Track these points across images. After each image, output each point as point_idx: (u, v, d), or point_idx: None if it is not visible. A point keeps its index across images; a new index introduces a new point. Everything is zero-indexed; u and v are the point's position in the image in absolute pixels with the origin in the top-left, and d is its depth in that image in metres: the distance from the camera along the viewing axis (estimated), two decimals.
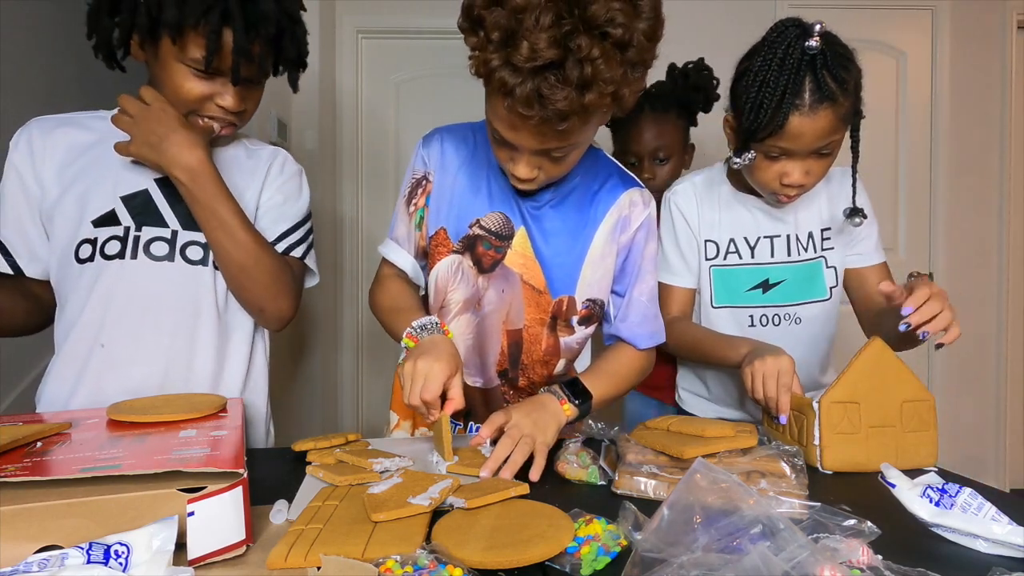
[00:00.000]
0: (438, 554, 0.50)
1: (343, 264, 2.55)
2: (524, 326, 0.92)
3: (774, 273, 1.05)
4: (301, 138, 2.25)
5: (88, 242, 0.86)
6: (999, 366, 2.53)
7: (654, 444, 0.73)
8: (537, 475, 0.71)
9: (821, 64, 0.88)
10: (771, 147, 0.93)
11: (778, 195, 0.98)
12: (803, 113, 0.89)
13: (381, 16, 2.43)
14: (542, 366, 0.94)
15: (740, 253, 1.06)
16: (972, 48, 2.45)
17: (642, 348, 0.94)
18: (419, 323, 0.81)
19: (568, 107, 0.66)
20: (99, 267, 0.85)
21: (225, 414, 0.71)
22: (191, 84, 0.84)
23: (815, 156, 0.93)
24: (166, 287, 0.87)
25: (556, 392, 0.83)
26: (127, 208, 0.87)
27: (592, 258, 0.90)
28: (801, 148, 0.92)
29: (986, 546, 0.55)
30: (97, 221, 0.86)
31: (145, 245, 0.86)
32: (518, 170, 0.79)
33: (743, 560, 0.43)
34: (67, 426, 0.66)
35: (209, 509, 0.49)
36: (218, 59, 0.82)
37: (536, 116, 0.67)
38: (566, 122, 0.68)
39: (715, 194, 1.09)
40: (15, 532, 0.47)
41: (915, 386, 0.79)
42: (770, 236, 1.06)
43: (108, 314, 0.85)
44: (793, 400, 0.83)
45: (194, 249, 0.88)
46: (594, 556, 0.52)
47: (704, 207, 1.08)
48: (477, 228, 0.89)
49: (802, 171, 0.94)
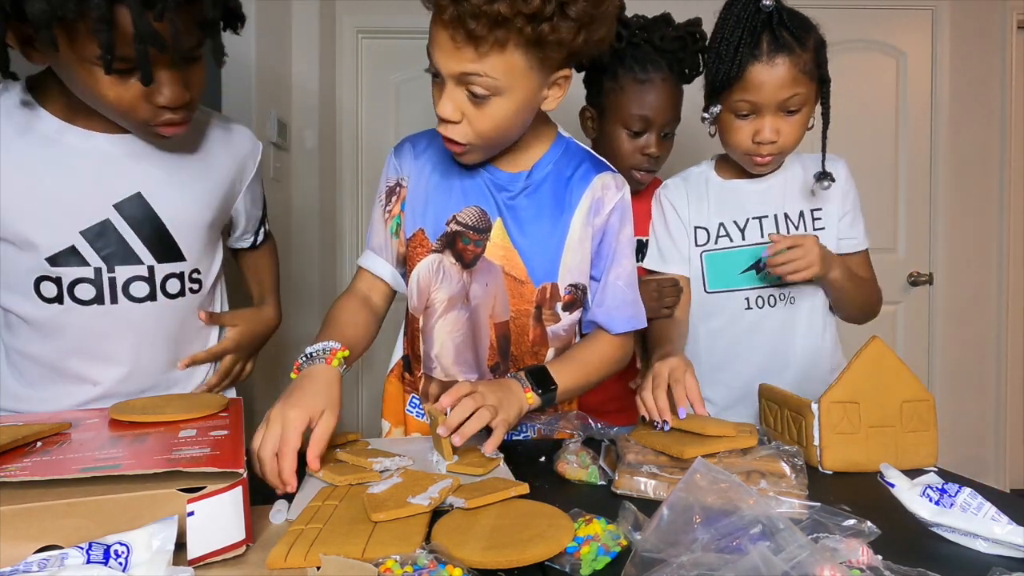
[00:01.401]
0: (438, 554, 0.50)
1: (343, 264, 2.55)
2: (511, 318, 0.92)
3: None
4: (301, 138, 2.25)
5: (49, 280, 0.78)
6: (999, 366, 2.52)
7: (654, 444, 0.73)
8: (491, 448, 0.74)
9: (777, 22, 0.95)
10: (738, 102, 0.98)
11: (752, 156, 1.02)
12: (761, 62, 0.95)
13: (381, 16, 2.43)
14: (531, 357, 0.94)
15: (731, 236, 1.08)
16: (972, 48, 2.44)
17: (618, 332, 0.94)
18: (311, 350, 0.78)
19: (479, 4, 0.67)
20: (70, 310, 0.79)
21: (225, 414, 0.71)
22: (113, 91, 0.68)
23: (783, 113, 0.98)
24: (153, 325, 0.85)
25: (520, 379, 0.83)
26: (91, 244, 0.78)
27: (571, 243, 0.91)
28: (765, 99, 0.96)
29: (986, 546, 0.55)
30: (54, 259, 0.77)
31: (123, 287, 0.81)
32: (442, 106, 0.77)
33: (743, 560, 0.43)
34: (67, 426, 0.66)
35: (209, 509, 0.49)
36: (121, 51, 0.64)
37: (449, 9, 0.68)
38: (477, 23, 0.68)
39: (704, 185, 1.12)
40: (15, 532, 0.47)
41: (915, 386, 0.79)
42: (759, 217, 1.08)
43: (92, 358, 0.83)
44: (792, 401, 0.83)
45: (172, 283, 0.85)
46: (594, 556, 0.52)
47: (693, 197, 1.12)
48: (454, 224, 0.90)
49: (772, 128, 0.98)
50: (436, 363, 0.94)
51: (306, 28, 2.23)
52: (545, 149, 0.92)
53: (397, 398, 1.03)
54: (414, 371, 0.99)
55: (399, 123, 2.54)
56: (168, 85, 0.71)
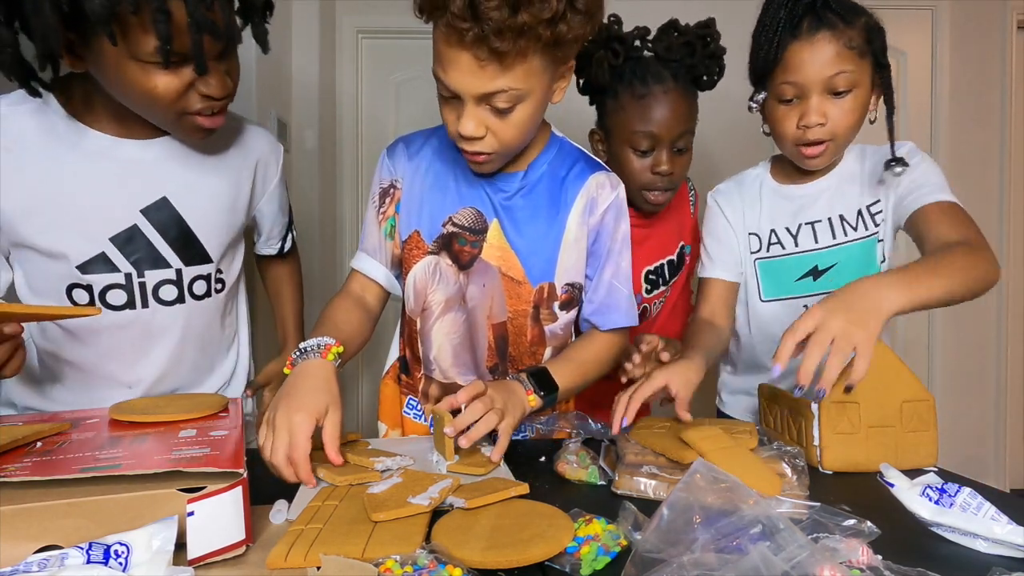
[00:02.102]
0: (438, 554, 0.50)
1: (342, 264, 2.55)
2: (508, 318, 0.92)
3: (823, 259, 1.02)
4: (301, 138, 2.25)
5: (81, 287, 0.80)
6: (999, 366, 2.52)
7: (654, 445, 0.73)
8: (498, 457, 0.74)
9: (821, 4, 0.89)
10: (780, 86, 0.93)
11: (801, 147, 0.95)
12: (800, 40, 0.89)
13: (381, 16, 2.43)
14: (529, 357, 0.94)
15: (783, 243, 1.04)
16: (972, 48, 2.44)
17: (613, 329, 0.94)
18: (305, 345, 0.77)
19: (501, 19, 0.66)
20: (103, 316, 0.80)
21: (225, 414, 0.71)
22: (162, 82, 0.69)
23: (830, 95, 0.91)
24: (183, 326, 0.87)
25: (523, 381, 0.83)
26: (120, 251, 0.79)
27: (567, 243, 0.91)
28: (808, 79, 0.90)
29: (986, 546, 0.55)
30: (84, 267, 0.78)
31: (153, 291, 0.83)
32: (463, 125, 0.76)
33: (743, 560, 0.43)
34: (67, 426, 0.66)
35: (209, 509, 0.49)
36: (176, 43, 0.66)
37: (471, 30, 0.67)
38: (502, 40, 0.68)
39: (757, 188, 1.07)
40: (15, 532, 0.47)
41: (915, 386, 0.79)
42: (811, 222, 1.02)
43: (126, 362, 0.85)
44: (791, 401, 0.83)
45: (199, 284, 0.87)
46: (594, 556, 0.52)
47: (746, 202, 1.07)
48: (450, 225, 0.90)
49: (817, 112, 0.91)
50: (435, 365, 0.94)
51: (306, 28, 2.23)
52: (540, 149, 0.92)
53: (393, 400, 1.03)
54: (413, 373, 0.99)
55: (399, 123, 2.54)
56: (215, 75, 0.72)
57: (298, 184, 2.22)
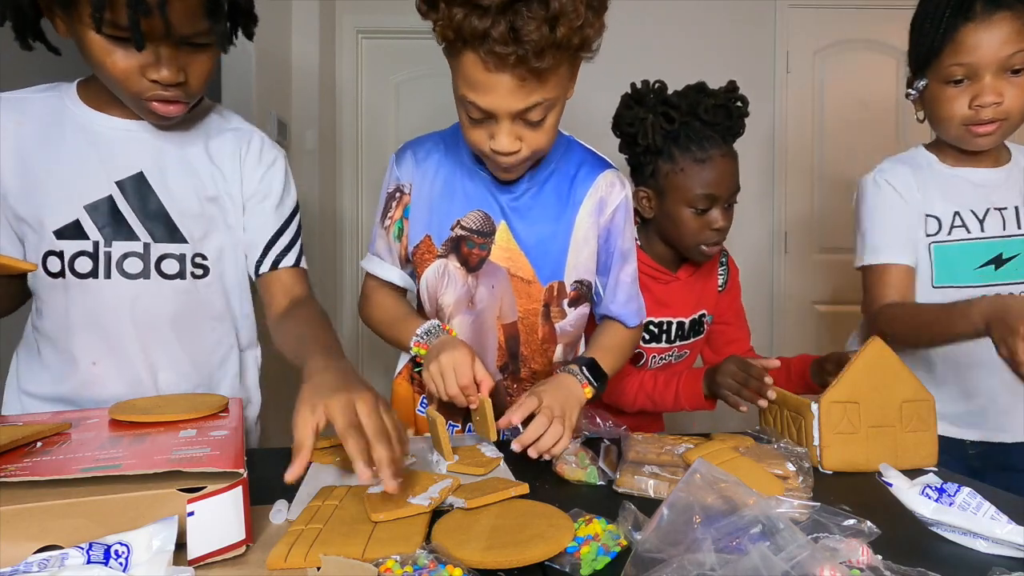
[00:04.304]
0: (438, 554, 0.50)
1: (343, 265, 2.55)
2: (519, 318, 0.93)
3: (1008, 247, 0.97)
4: (301, 138, 2.25)
5: (54, 255, 0.80)
6: None
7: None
8: (560, 449, 0.75)
9: None
10: (949, 67, 0.89)
11: (971, 127, 0.92)
12: (974, 22, 0.86)
13: (381, 16, 2.43)
14: (540, 355, 0.95)
15: (968, 227, 0.98)
16: None
17: (633, 326, 0.98)
18: (423, 329, 0.86)
19: (541, 38, 0.67)
20: (70, 285, 0.81)
21: (225, 414, 0.71)
22: (112, 58, 0.71)
23: (1007, 74, 0.87)
24: (150, 303, 0.84)
25: (576, 374, 0.85)
26: (92, 219, 0.80)
27: (576, 241, 0.92)
28: (983, 59, 0.87)
29: (986, 546, 0.55)
30: (60, 232, 0.79)
31: (118, 262, 0.82)
32: (500, 143, 0.77)
33: (743, 560, 0.43)
34: (67, 426, 0.66)
35: (209, 509, 0.49)
36: (110, 15, 0.67)
37: (512, 54, 0.68)
38: (542, 59, 0.69)
39: (928, 169, 1.02)
40: (15, 532, 0.47)
41: (915, 386, 0.79)
42: (999, 208, 0.97)
43: (91, 335, 0.83)
44: (791, 401, 0.83)
45: (169, 263, 0.85)
46: (594, 556, 0.52)
47: (922, 181, 1.01)
48: (459, 229, 0.90)
49: (993, 90, 0.87)
50: None
51: (306, 28, 2.23)
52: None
53: (407, 399, 1.03)
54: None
55: (399, 123, 2.54)
56: (166, 62, 0.73)
57: (298, 184, 2.20)
